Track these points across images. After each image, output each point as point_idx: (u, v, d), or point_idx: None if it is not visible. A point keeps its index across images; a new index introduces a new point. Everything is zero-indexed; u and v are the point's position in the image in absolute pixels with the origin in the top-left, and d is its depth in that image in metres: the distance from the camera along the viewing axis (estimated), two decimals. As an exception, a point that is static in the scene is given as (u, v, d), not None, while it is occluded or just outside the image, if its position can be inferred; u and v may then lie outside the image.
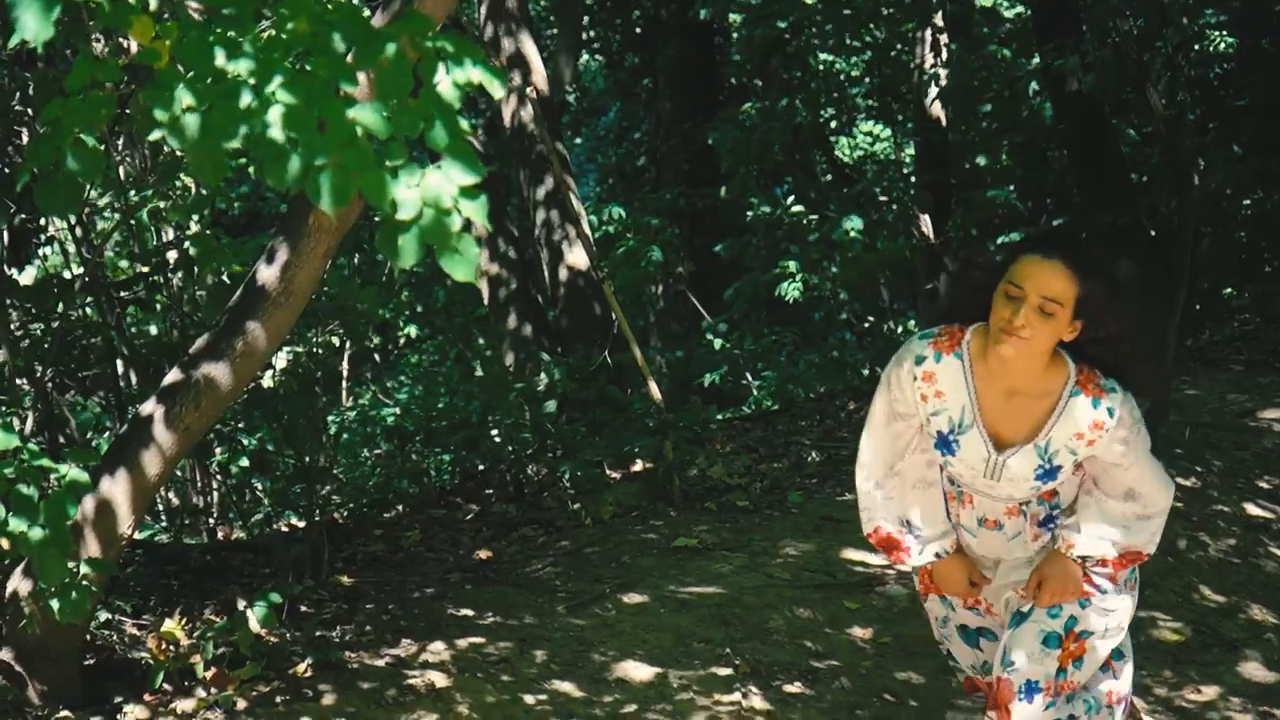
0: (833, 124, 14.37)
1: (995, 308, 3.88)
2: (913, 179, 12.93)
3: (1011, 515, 4.16)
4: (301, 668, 5.03)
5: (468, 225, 3.24)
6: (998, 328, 3.86)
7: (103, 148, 3.42)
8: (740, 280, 12.11)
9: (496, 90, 3.51)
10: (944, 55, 12.65)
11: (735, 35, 14.40)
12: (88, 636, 4.98)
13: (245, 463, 7.23)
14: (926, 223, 12.10)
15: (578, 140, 16.79)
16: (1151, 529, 4.09)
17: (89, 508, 4.55)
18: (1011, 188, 12.98)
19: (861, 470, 4.24)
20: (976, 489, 4.13)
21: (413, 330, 10.97)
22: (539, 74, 10.48)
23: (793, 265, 11.02)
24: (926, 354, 4.03)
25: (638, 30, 15.45)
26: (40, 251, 6.51)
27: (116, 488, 4.57)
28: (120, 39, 3.40)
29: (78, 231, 6.37)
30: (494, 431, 7.54)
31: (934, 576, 4.34)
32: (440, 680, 5.04)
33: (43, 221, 6.82)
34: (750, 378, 11.82)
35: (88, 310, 6.30)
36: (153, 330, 6.59)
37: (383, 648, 5.27)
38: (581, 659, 5.33)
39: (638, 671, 5.27)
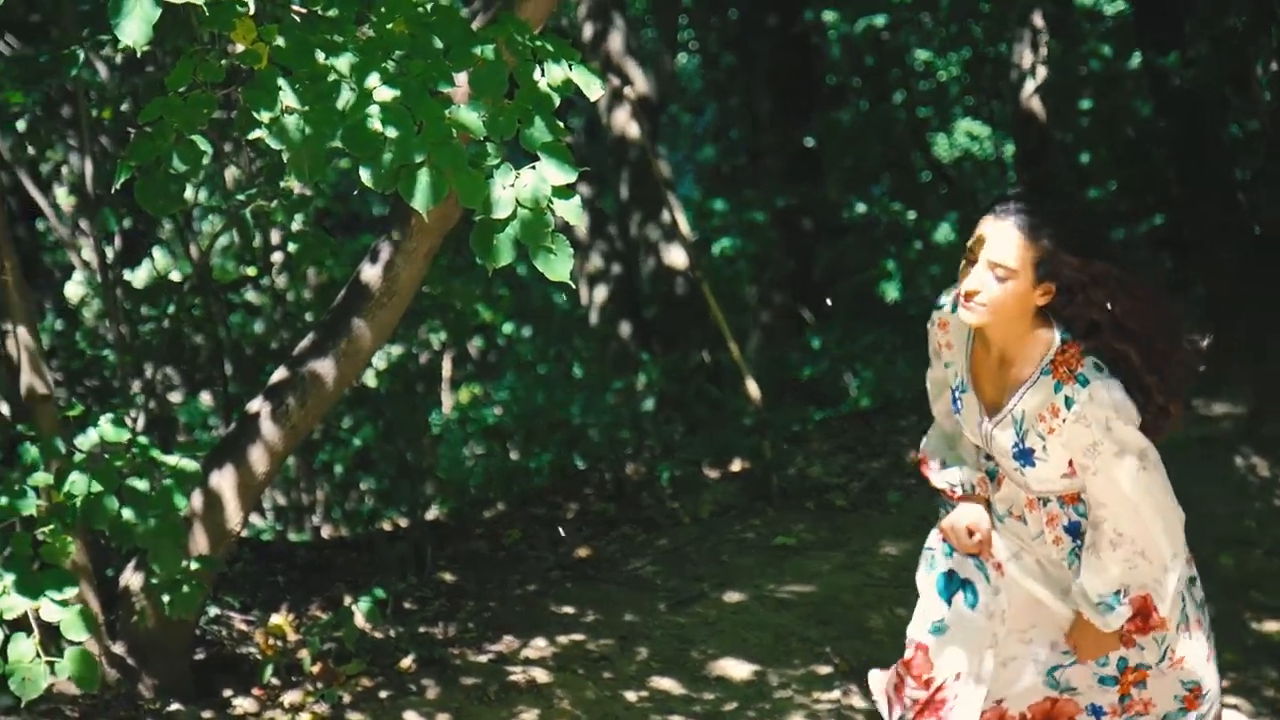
0: (931, 122, 14.28)
1: (960, 272, 3.73)
2: (1012, 177, 12.83)
3: (1031, 509, 3.92)
4: (405, 663, 5.10)
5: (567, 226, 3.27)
6: (960, 293, 3.71)
7: (210, 149, 3.49)
8: (839, 284, 12.09)
9: (594, 91, 3.54)
10: (1043, 53, 12.54)
11: (830, 33, 14.35)
12: (198, 631, 5.07)
13: (349, 461, 7.33)
14: (1026, 221, 11.97)
15: (674, 137, 16.79)
16: (1154, 575, 3.78)
17: (198, 504, 4.63)
18: (1113, 185, 12.82)
19: None
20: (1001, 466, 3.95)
21: (508, 327, 11.02)
22: (638, 75, 10.52)
23: (891, 265, 10.96)
24: (946, 303, 3.90)
25: (735, 24, 15.43)
26: (151, 253, 6.64)
27: (225, 484, 4.65)
28: (226, 45, 3.47)
29: (185, 235, 6.50)
30: (592, 430, 7.57)
31: (946, 520, 4.04)
32: (542, 676, 5.08)
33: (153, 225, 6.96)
34: (851, 377, 11.77)
35: (195, 310, 6.42)
36: (258, 329, 6.71)
37: (485, 644, 5.32)
38: (682, 656, 5.35)
39: (737, 669, 5.29)
